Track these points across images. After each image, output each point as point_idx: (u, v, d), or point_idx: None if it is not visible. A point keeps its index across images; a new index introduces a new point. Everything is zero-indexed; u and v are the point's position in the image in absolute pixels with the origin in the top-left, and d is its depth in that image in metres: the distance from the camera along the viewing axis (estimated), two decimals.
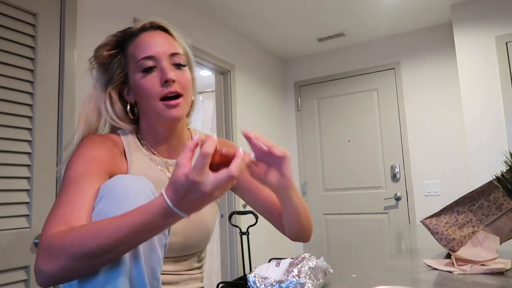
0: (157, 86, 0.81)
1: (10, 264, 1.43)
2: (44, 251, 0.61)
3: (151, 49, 0.83)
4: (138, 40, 0.85)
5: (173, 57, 0.84)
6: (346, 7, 2.91)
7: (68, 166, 0.75)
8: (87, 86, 1.91)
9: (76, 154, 0.77)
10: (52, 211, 0.67)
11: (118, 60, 0.87)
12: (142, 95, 0.83)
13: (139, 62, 0.82)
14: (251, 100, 3.35)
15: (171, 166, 0.89)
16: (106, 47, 0.87)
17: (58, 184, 1.63)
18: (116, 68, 0.87)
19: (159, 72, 0.82)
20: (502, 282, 0.73)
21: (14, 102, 1.50)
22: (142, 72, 0.82)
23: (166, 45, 0.84)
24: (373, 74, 3.54)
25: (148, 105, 0.83)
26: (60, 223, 0.64)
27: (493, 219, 0.93)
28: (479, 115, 2.75)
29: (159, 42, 0.84)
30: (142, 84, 0.82)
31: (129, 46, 0.86)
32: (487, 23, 2.79)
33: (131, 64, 0.85)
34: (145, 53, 0.82)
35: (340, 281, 0.80)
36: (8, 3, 1.50)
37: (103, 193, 0.67)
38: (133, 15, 2.16)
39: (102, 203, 0.65)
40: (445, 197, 3.12)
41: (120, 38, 0.88)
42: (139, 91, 0.83)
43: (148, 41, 0.84)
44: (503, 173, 0.83)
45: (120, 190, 0.66)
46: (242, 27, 3.17)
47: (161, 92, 0.81)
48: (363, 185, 3.47)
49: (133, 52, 0.84)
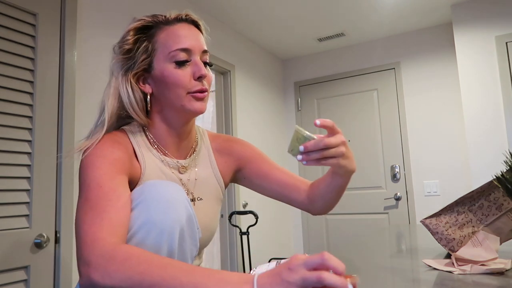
0: (189, 79, 0.80)
1: (10, 264, 1.43)
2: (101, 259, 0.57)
3: (187, 42, 0.81)
4: (172, 30, 0.82)
5: (204, 54, 0.84)
6: (346, 7, 2.91)
7: (88, 164, 0.72)
8: (87, 86, 1.91)
9: (95, 153, 0.73)
10: (89, 215, 0.63)
11: (145, 46, 0.82)
12: (169, 86, 0.80)
13: (173, 52, 0.80)
14: (251, 100, 3.35)
15: (181, 166, 0.88)
16: (133, 31, 0.83)
17: (58, 184, 1.63)
18: (141, 54, 0.82)
19: (193, 66, 0.81)
20: (502, 282, 0.73)
21: (14, 102, 1.50)
22: (175, 63, 0.80)
23: (200, 41, 0.84)
24: (373, 74, 3.54)
25: (174, 96, 0.80)
26: (111, 232, 0.61)
27: (493, 219, 0.93)
28: (479, 115, 2.75)
29: (195, 36, 0.83)
30: (173, 74, 0.79)
31: (159, 34, 0.82)
32: (487, 23, 2.79)
33: (161, 53, 0.81)
34: (181, 44, 0.80)
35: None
36: (8, 3, 1.50)
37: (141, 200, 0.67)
38: (133, 15, 2.15)
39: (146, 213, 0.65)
40: (445, 197, 3.12)
41: (150, 23, 0.84)
42: (166, 81, 0.80)
43: (185, 33, 0.82)
44: (503, 173, 0.83)
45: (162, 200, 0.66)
46: (242, 27, 3.17)
47: (193, 86, 0.80)
48: (363, 185, 3.47)
49: (165, 40, 0.81)
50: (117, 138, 0.80)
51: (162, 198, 0.67)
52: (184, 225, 0.69)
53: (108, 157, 0.73)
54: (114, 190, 0.68)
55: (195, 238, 0.72)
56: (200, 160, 0.93)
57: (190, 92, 0.80)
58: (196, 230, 0.73)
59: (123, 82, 0.82)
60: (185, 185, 0.88)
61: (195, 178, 0.90)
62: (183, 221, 0.68)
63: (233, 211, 2.65)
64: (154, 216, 0.65)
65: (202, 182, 0.91)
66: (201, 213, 0.88)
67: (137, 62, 0.82)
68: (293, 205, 0.97)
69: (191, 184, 0.89)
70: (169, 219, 0.66)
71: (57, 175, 1.63)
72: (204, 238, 0.89)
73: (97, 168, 0.71)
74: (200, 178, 0.91)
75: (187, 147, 0.91)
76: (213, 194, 0.93)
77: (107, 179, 0.69)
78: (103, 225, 0.62)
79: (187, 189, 0.88)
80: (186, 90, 0.80)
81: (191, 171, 0.90)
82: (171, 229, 0.66)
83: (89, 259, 0.58)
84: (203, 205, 0.90)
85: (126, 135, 0.84)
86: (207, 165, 0.94)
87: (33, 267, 1.49)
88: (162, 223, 0.65)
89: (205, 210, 0.90)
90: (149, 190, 0.68)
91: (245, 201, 3.03)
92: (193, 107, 0.81)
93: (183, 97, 0.80)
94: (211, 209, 0.92)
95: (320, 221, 3.62)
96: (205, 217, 0.89)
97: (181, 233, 0.68)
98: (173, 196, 0.68)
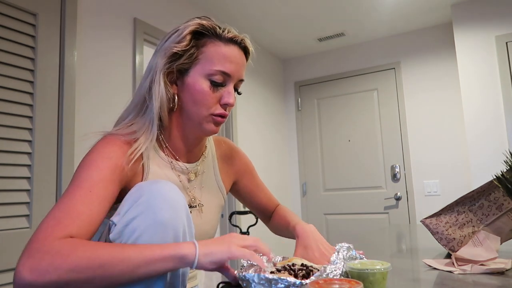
0: (216, 101, 0.81)
1: (10, 264, 1.43)
2: (46, 256, 0.56)
3: (232, 67, 0.81)
4: (224, 48, 0.81)
5: (239, 82, 0.85)
6: (346, 7, 2.91)
7: (91, 162, 0.71)
8: (87, 86, 1.91)
9: (102, 152, 0.73)
10: (63, 212, 0.64)
11: (191, 51, 0.80)
12: (196, 100, 0.80)
13: (214, 71, 0.79)
14: (251, 100, 3.35)
15: (190, 172, 0.88)
16: (189, 35, 0.80)
17: (58, 184, 1.63)
18: (186, 58, 0.80)
19: (225, 92, 0.81)
20: (502, 282, 0.73)
21: (14, 102, 1.50)
22: (210, 82, 0.80)
23: (242, 69, 0.84)
24: (373, 74, 3.54)
25: (196, 111, 0.81)
26: (70, 232, 0.61)
27: (493, 219, 0.93)
28: (479, 115, 2.75)
29: (239, 63, 0.83)
30: (204, 92, 0.79)
31: (209, 45, 0.81)
32: (487, 23, 2.78)
33: (202, 64, 0.80)
34: (225, 68, 0.80)
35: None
36: (8, 3, 1.50)
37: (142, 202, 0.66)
38: (133, 15, 2.16)
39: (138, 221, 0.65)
40: (445, 197, 3.11)
41: (205, 31, 0.81)
42: (194, 94, 0.80)
43: (233, 57, 0.81)
44: (503, 173, 0.83)
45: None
46: (242, 27, 3.17)
47: (216, 109, 0.81)
48: (363, 185, 3.47)
49: (212, 55, 0.80)
50: (120, 141, 0.78)
51: (164, 198, 0.66)
52: (185, 224, 0.69)
53: (114, 161, 0.72)
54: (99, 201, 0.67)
55: (192, 236, 0.73)
56: (206, 166, 0.94)
57: (212, 114, 0.81)
58: (192, 228, 0.73)
59: (158, 77, 0.80)
60: (192, 192, 0.88)
61: (202, 186, 0.91)
62: (184, 219, 0.68)
63: (233, 211, 2.65)
64: (160, 217, 0.64)
65: (205, 188, 0.92)
66: (202, 219, 0.88)
67: (178, 61, 0.80)
68: (262, 221, 1.15)
69: (197, 191, 0.89)
70: (174, 218, 0.66)
71: (57, 175, 1.63)
72: None
73: (99, 169, 0.70)
74: (205, 184, 0.92)
75: (197, 153, 0.91)
76: (214, 201, 0.93)
77: (102, 187, 0.69)
78: (67, 228, 0.62)
79: (194, 197, 0.88)
80: (209, 111, 0.81)
81: (198, 177, 0.90)
82: (177, 227, 0.66)
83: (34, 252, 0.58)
84: (205, 211, 0.90)
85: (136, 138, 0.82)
86: (211, 170, 0.95)
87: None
88: (169, 223, 0.65)
89: (207, 216, 0.90)
90: (149, 191, 0.67)
91: None
92: (208, 128, 0.83)
93: (203, 116, 0.81)
94: (212, 216, 0.92)
95: (320, 221, 3.62)
96: (206, 223, 0.89)
97: (184, 232, 0.68)
98: (173, 195, 0.68)
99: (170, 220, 0.65)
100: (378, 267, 0.65)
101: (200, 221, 0.87)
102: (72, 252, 0.57)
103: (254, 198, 1.08)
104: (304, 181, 3.76)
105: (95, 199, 0.67)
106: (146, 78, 0.82)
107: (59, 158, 1.64)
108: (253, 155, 3.21)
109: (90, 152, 0.74)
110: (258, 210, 1.11)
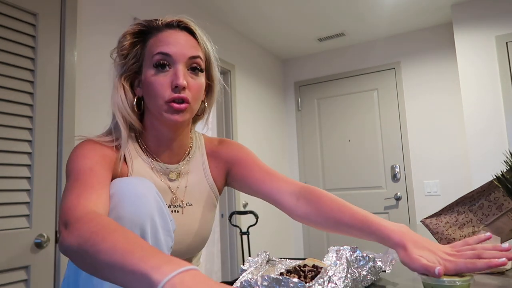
0: (167, 87, 0.79)
1: (10, 264, 1.43)
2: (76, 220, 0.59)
3: (170, 48, 0.80)
4: (160, 36, 0.82)
5: (191, 60, 0.81)
6: (346, 7, 2.91)
7: (78, 155, 0.75)
8: (87, 86, 1.91)
9: (85, 147, 0.77)
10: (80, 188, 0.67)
11: (136, 50, 0.84)
12: (150, 93, 0.81)
13: (154, 56, 0.80)
14: (251, 100, 3.35)
15: (171, 171, 0.88)
16: (129, 36, 0.84)
17: (58, 184, 1.63)
18: (132, 57, 0.84)
19: (172, 74, 0.79)
20: (502, 282, 0.73)
21: (14, 102, 1.50)
22: (155, 68, 0.80)
23: (187, 47, 0.81)
24: (373, 74, 3.54)
25: (153, 104, 0.81)
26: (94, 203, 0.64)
27: (493, 219, 0.92)
28: (479, 114, 2.75)
29: (180, 42, 0.81)
30: (152, 81, 0.80)
31: (150, 39, 0.83)
32: (487, 23, 2.78)
33: (147, 58, 0.82)
34: (163, 49, 0.80)
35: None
36: (8, 3, 1.50)
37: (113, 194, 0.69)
38: (133, 15, 2.16)
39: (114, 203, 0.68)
40: (445, 197, 3.12)
41: (145, 28, 0.84)
42: (148, 88, 0.81)
43: (170, 39, 0.81)
44: (503, 173, 0.84)
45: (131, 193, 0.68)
46: (242, 27, 3.17)
47: (169, 95, 0.79)
48: (363, 185, 3.47)
49: (151, 45, 0.82)
50: (107, 143, 0.82)
51: (131, 193, 0.68)
52: (156, 217, 0.70)
53: (98, 151, 0.77)
54: (104, 177, 0.72)
55: (169, 229, 0.74)
56: (193, 166, 0.93)
57: (167, 101, 0.79)
58: (169, 222, 0.74)
59: (117, 85, 0.84)
60: (173, 192, 0.87)
61: (185, 186, 0.90)
62: (154, 213, 0.69)
63: (233, 211, 2.64)
64: (125, 211, 0.66)
65: (193, 188, 0.91)
66: (190, 218, 0.88)
67: (128, 65, 0.84)
68: (279, 208, 0.90)
69: (180, 190, 0.89)
70: (139, 213, 0.67)
71: (57, 175, 1.63)
72: (195, 245, 0.89)
73: (88, 158, 0.74)
74: (191, 184, 0.90)
75: (179, 152, 0.90)
76: (204, 200, 0.92)
77: (99, 167, 0.72)
78: (87, 196, 0.65)
79: (176, 196, 0.87)
80: (164, 98, 0.79)
81: (182, 177, 0.90)
82: (142, 222, 0.67)
83: (65, 219, 0.61)
84: (193, 211, 0.89)
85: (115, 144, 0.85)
86: (200, 170, 0.93)
87: (33, 267, 1.49)
88: (133, 218, 0.67)
89: (195, 215, 0.89)
90: (119, 186, 0.70)
91: (245, 201, 3.03)
92: (168, 117, 0.79)
93: (161, 105, 0.79)
94: (202, 215, 0.91)
95: None
96: (195, 222, 0.89)
97: (153, 226, 0.69)
98: (141, 191, 0.69)
99: (134, 215, 0.66)
100: (457, 280, 0.58)
101: (185, 220, 0.87)
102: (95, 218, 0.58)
103: (259, 185, 0.90)
104: (304, 181, 3.76)
105: (100, 175, 0.71)
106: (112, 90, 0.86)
107: (59, 158, 1.64)
108: None
109: (73, 151, 0.77)
110: (272, 198, 0.89)
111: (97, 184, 0.69)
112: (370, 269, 0.71)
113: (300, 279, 0.65)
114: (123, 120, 0.83)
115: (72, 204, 0.63)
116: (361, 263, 0.71)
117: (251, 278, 0.62)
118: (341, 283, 0.61)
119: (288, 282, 0.56)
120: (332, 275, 0.61)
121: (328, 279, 0.60)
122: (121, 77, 0.84)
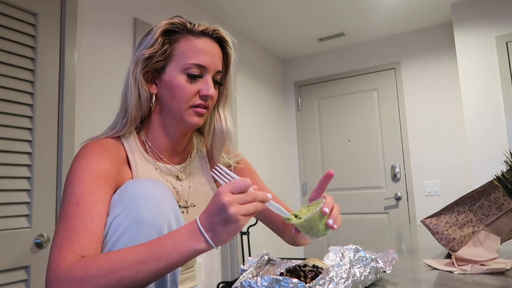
0: (195, 94, 0.81)
1: (10, 264, 1.43)
2: (62, 283, 0.58)
3: (206, 59, 0.81)
4: (196, 42, 0.82)
5: (217, 73, 0.85)
6: (346, 7, 2.91)
7: (72, 178, 0.71)
8: (87, 86, 1.91)
9: (81, 164, 0.73)
10: (62, 236, 0.64)
11: (165, 49, 0.82)
12: (175, 95, 0.81)
13: (189, 64, 0.80)
14: (251, 100, 3.35)
15: (176, 172, 0.88)
16: (162, 33, 0.82)
17: (58, 184, 1.63)
18: (159, 55, 0.82)
19: (203, 84, 0.82)
20: (502, 282, 0.73)
21: (14, 102, 1.50)
22: (187, 76, 0.81)
23: (218, 60, 0.85)
24: (373, 74, 3.54)
25: (176, 105, 0.81)
26: (75, 252, 0.62)
27: (493, 219, 0.92)
28: (479, 115, 2.75)
29: (214, 54, 0.83)
30: (182, 86, 0.80)
31: (182, 41, 0.82)
32: (487, 23, 2.78)
33: (177, 60, 0.81)
34: (199, 60, 0.81)
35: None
36: (8, 3, 1.50)
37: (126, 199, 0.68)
38: (134, 15, 2.16)
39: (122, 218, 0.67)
40: (445, 197, 3.12)
41: (176, 28, 0.83)
42: (173, 90, 0.81)
43: (207, 49, 0.82)
44: (503, 173, 0.83)
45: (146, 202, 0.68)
46: (242, 27, 3.17)
47: (195, 101, 0.82)
48: (363, 185, 3.47)
49: (185, 50, 0.81)
50: (108, 145, 0.79)
51: (148, 195, 0.67)
52: (172, 220, 0.69)
53: (93, 168, 0.72)
54: (90, 208, 0.67)
55: None
56: (195, 167, 0.93)
57: (192, 106, 0.82)
58: (182, 224, 0.73)
59: (138, 80, 0.82)
60: (178, 192, 0.88)
61: (189, 186, 0.90)
62: (170, 216, 0.69)
63: None
64: (142, 214, 0.65)
65: (196, 189, 0.91)
66: (191, 219, 0.88)
67: (151, 62, 0.82)
68: (278, 234, 1.01)
69: (184, 191, 0.89)
70: (158, 216, 0.66)
71: (57, 175, 1.63)
72: None
73: (80, 182, 0.70)
74: (194, 185, 0.91)
75: (183, 153, 0.91)
76: (206, 201, 0.92)
77: (88, 195, 0.69)
78: (70, 249, 0.63)
79: (180, 197, 0.88)
80: (189, 104, 0.81)
81: (186, 177, 0.90)
82: (160, 225, 0.67)
83: (52, 284, 0.60)
84: (197, 212, 0.89)
85: (120, 141, 0.83)
86: (201, 171, 0.94)
87: (33, 267, 1.49)
88: (151, 221, 0.66)
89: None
90: (134, 188, 0.68)
91: None
92: (191, 120, 0.83)
93: (184, 110, 0.82)
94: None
95: None
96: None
97: (170, 229, 0.68)
98: (159, 194, 0.69)
99: (153, 218, 0.65)
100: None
101: (189, 221, 0.87)
102: (85, 273, 0.59)
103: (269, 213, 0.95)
104: (304, 181, 3.76)
105: (84, 209, 0.67)
106: (125, 82, 0.85)
107: (59, 158, 1.64)
108: (253, 155, 3.21)
109: (70, 168, 0.75)
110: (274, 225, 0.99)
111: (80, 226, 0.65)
112: (372, 269, 0.71)
113: (300, 279, 0.64)
114: (134, 117, 0.82)
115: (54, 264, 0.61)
116: (363, 263, 0.71)
117: (251, 278, 0.62)
118: (341, 284, 0.61)
119: (288, 282, 0.56)
120: (333, 276, 0.61)
121: (329, 279, 0.60)
122: (141, 72, 0.82)
